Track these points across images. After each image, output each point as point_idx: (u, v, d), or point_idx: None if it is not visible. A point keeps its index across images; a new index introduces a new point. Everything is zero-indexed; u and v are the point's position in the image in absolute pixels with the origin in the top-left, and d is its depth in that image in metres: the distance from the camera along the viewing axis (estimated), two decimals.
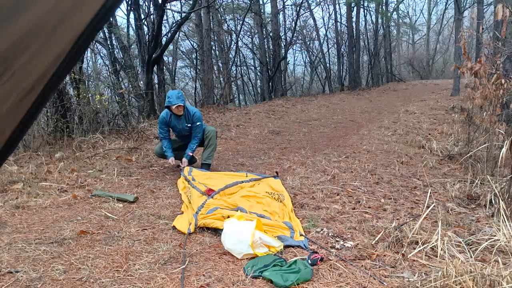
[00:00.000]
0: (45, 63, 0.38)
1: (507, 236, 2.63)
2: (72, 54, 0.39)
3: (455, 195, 3.71)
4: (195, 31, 16.20)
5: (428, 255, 2.53)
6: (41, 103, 0.39)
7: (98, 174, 4.56)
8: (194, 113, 4.56)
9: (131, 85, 9.41)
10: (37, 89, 0.38)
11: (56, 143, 6.00)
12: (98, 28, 0.39)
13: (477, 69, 4.38)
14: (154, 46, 8.82)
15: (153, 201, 3.68)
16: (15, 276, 2.27)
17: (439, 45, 29.33)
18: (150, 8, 9.66)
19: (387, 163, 5.02)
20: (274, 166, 4.95)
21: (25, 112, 0.39)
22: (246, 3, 16.87)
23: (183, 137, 4.75)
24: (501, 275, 2.08)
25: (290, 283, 2.16)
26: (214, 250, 2.63)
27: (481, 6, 12.35)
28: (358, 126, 8.29)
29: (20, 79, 0.37)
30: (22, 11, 0.34)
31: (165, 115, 4.58)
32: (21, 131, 0.40)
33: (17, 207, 3.47)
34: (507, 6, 4.04)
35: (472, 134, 5.26)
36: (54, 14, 0.36)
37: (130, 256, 2.54)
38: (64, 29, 0.37)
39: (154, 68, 9.49)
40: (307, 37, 20.77)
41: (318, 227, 2.98)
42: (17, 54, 0.36)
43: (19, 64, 0.36)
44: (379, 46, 21.00)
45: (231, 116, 9.52)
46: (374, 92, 16.64)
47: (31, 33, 0.35)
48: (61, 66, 0.39)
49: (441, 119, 8.43)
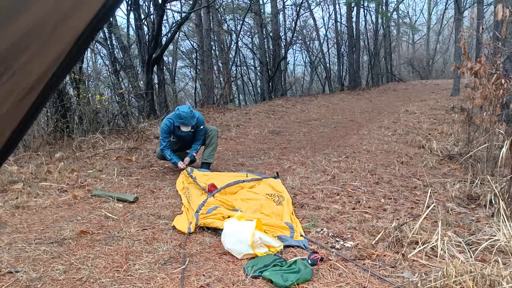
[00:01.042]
0: (45, 63, 0.38)
1: (507, 236, 2.63)
2: (72, 54, 0.39)
3: (455, 195, 3.71)
4: (195, 31, 16.20)
5: (428, 255, 2.53)
6: (41, 103, 0.39)
7: (98, 174, 4.56)
8: (197, 117, 4.48)
9: (131, 85, 9.41)
10: (37, 89, 0.38)
11: (56, 143, 6.00)
12: (98, 28, 0.39)
13: (477, 69, 4.38)
14: (154, 46, 8.82)
15: (153, 201, 3.68)
16: (15, 276, 2.27)
17: (439, 45, 29.34)
18: (150, 8, 9.66)
19: (387, 163, 5.02)
20: (274, 166, 4.95)
21: (25, 112, 0.39)
22: (246, 3, 16.87)
23: (184, 140, 4.73)
24: (501, 275, 2.08)
25: (290, 283, 2.16)
26: (214, 250, 2.63)
27: (481, 6, 12.35)
28: (358, 126, 8.29)
29: (20, 79, 0.37)
30: (22, 11, 0.34)
31: (169, 124, 4.45)
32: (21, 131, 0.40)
33: (17, 207, 3.47)
34: (507, 6, 4.04)
35: (472, 134, 5.26)
36: (54, 14, 0.36)
37: (130, 256, 2.54)
38: (64, 29, 0.37)
39: (154, 68, 9.49)
40: (307, 37, 20.77)
41: (318, 227, 2.98)
42: (17, 54, 0.36)
43: (19, 64, 0.36)
44: (379, 46, 21.00)
45: (231, 116, 9.52)
46: (374, 92, 16.64)
47: (31, 33, 0.35)
48: (61, 66, 0.39)
49: (441, 119, 8.43)
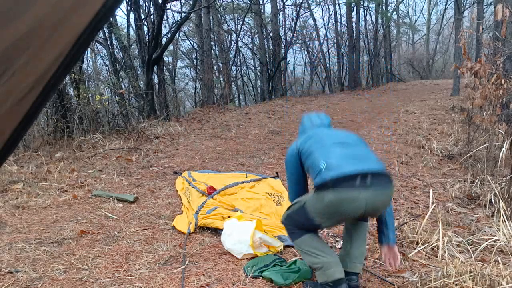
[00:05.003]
0: (45, 63, 0.38)
1: (507, 236, 2.63)
2: (72, 54, 0.39)
3: (455, 195, 3.71)
4: (195, 31, 16.19)
5: (428, 255, 2.54)
6: (41, 103, 0.40)
7: (98, 174, 4.56)
8: None
9: (131, 85, 9.41)
10: (37, 89, 0.38)
11: (56, 143, 6.00)
12: (98, 28, 0.39)
13: (477, 69, 4.38)
14: (154, 46, 8.82)
15: (153, 201, 3.68)
16: (15, 276, 2.27)
17: (439, 45, 29.32)
18: (150, 8, 9.65)
19: (387, 163, 5.02)
20: (274, 166, 4.95)
21: (25, 112, 0.39)
22: (246, 3, 16.86)
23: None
24: (501, 275, 2.08)
25: (290, 282, 2.16)
26: (214, 250, 2.63)
27: (481, 6, 12.34)
28: (358, 126, 8.29)
29: (20, 79, 0.37)
30: (22, 11, 0.34)
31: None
32: (21, 131, 0.40)
33: (17, 207, 3.47)
34: (507, 6, 4.04)
35: (472, 134, 5.25)
36: (54, 14, 0.36)
37: (130, 256, 2.54)
38: (64, 29, 0.37)
39: (154, 68, 9.49)
40: (307, 37, 20.77)
41: None
42: (17, 54, 0.36)
43: (19, 64, 0.36)
44: (379, 46, 20.99)
45: (231, 116, 9.52)
46: (374, 92, 16.64)
47: (31, 33, 0.35)
48: (61, 66, 0.39)
49: (441, 119, 8.43)
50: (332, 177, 1.86)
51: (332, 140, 2.07)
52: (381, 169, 1.94)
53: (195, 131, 7.67)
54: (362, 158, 1.98)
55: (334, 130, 2.27)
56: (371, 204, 1.88)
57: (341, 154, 1.97)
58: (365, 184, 1.84)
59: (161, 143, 6.42)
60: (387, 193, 1.92)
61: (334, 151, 1.99)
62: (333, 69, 21.64)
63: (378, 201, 1.91)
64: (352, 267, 2.05)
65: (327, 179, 1.87)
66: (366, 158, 1.99)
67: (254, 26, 18.15)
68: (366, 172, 1.87)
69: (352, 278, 2.04)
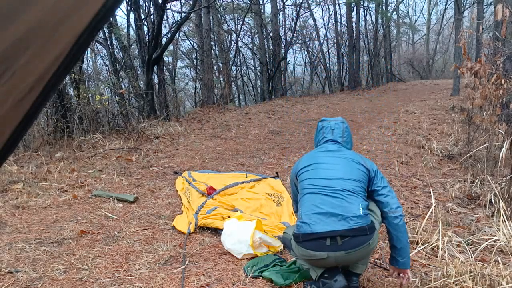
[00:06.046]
0: (45, 63, 0.38)
1: (507, 236, 2.63)
2: (72, 54, 0.39)
3: (455, 195, 3.71)
4: (195, 31, 16.18)
5: (428, 255, 2.54)
6: (41, 103, 0.39)
7: (98, 174, 4.56)
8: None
9: (131, 85, 9.41)
10: (37, 89, 0.38)
11: (56, 143, 6.00)
12: (98, 28, 0.39)
13: (477, 69, 4.38)
14: (154, 46, 8.82)
15: (153, 201, 3.68)
16: (15, 276, 2.27)
17: (439, 45, 29.31)
18: (150, 8, 9.65)
19: (387, 163, 5.02)
20: (274, 166, 4.95)
21: (25, 112, 0.39)
22: (246, 3, 16.86)
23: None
24: (501, 275, 2.08)
25: (290, 282, 2.16)
26: (214, 250, 2.63)
27: (481, 6, 12.33)
28: (358, 126, 8.29)
29: (20, 79, 0.37)
30: (22, 11, 0.34)
31: None
32: (21, 131, 0.40)
33: (17, 207, 3.47)
34: (507, 6, 4.04)
35: (472, 134, 5.25)
36: (54, 14, 0.36)
37: (130, 256, 2.54)
38: (64, 29, 0.37)
39: (154, 68, 9.49)
40: (307, 37, 20.76)
41: None
42: (17, 54, 0.36)
43: (19, 64, 0.36)
44: (379, 46, 20.98)
45: (231, 116, 9.52)
46: (374, 92, 16.63)
47: (31, 33, 0.35)
48: (61, 66, 0.39)
49: (441, 119, 8.43)
50: (304, 232, 1.96)
51: (321, 184, 2.05)
52: (357, 225, 1.91)
53: (195, 131, 7.66)
54: (340, 213, 1.94)
55: (331, 160, 2.14)
56: (342, 262, 1.96)
57: (321, 207, 1.98)
58: (335, 244, 1.89)
59: (161, 143, 6.42)
60: (360, 251, 1.93)
61: (315, 202, 2.01)
62: (333, 69, 21.65)
63: (350, 259, 1.97)
64: (353, 267, 2.05)
65: (299, 234, 1.98)
66: (344, 212, 1.94)
67: (254, 26, 18.15)
68: (338, 233, 1.89)
69: (353, 279, 2.04)
